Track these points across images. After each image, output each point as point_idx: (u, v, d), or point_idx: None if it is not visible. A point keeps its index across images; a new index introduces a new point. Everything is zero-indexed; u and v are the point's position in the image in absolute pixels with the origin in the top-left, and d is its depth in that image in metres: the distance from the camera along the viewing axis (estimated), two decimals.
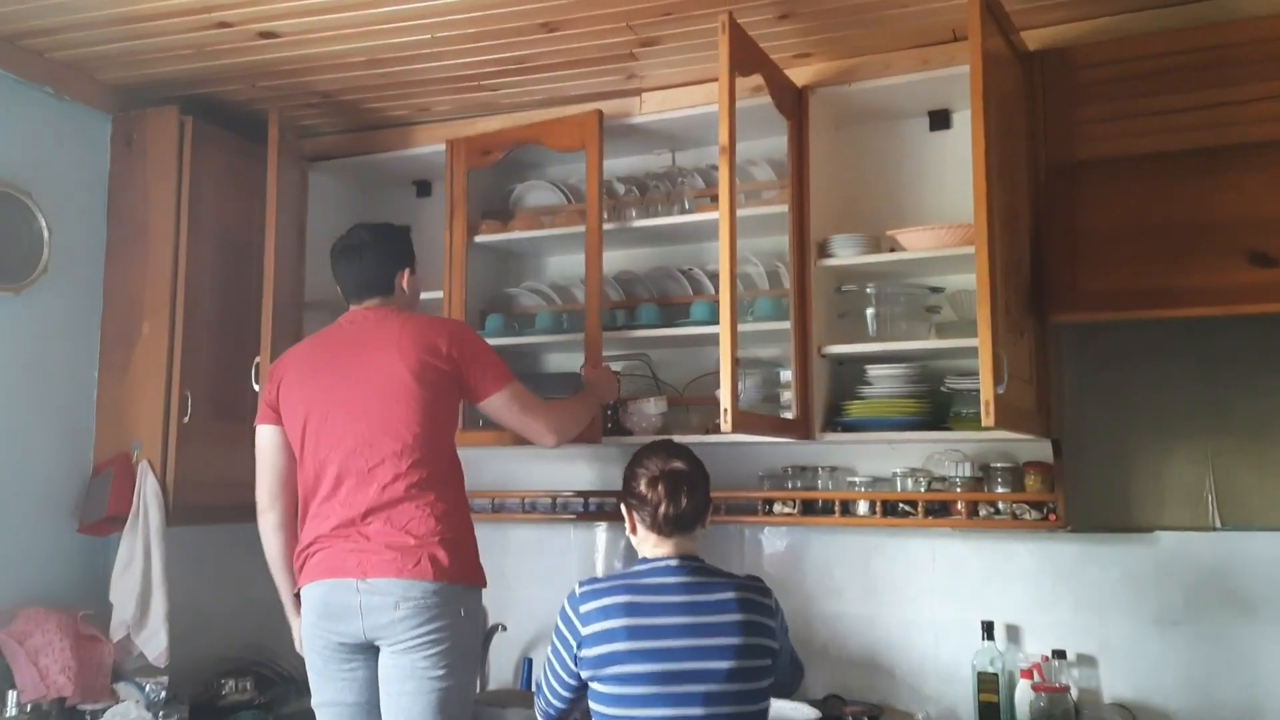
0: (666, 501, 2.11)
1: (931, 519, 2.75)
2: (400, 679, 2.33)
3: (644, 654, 1.99)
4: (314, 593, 2.41)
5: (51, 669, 2.70)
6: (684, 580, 2.07)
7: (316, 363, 2.55)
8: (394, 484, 2.39)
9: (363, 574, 2.34)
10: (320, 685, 2.45)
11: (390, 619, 2.31)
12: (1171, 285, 2.40)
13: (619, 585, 2.07)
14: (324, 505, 2.44)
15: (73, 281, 3.09)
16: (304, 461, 2.51)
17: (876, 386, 2.77)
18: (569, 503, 3.21)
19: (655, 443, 2.28)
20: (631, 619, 2.02)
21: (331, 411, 2.47)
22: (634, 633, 2.00)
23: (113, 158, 3.19)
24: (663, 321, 3.05)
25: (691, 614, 2.03)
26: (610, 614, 2.03)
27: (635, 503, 2.17)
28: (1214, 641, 2.61)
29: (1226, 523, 2.62)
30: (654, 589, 2.06)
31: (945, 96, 2.83)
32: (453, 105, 3.25)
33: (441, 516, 2.39)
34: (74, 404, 3.08)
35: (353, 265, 2.63)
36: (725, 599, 2.05)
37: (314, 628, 2.41)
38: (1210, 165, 2.41)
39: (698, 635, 2.01)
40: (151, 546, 2.93)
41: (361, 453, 2.42)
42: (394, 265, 2.65)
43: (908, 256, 2.71)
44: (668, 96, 3.03)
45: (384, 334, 2.52)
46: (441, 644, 2.32)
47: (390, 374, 2.45)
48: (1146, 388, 2.72)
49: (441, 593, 2.34)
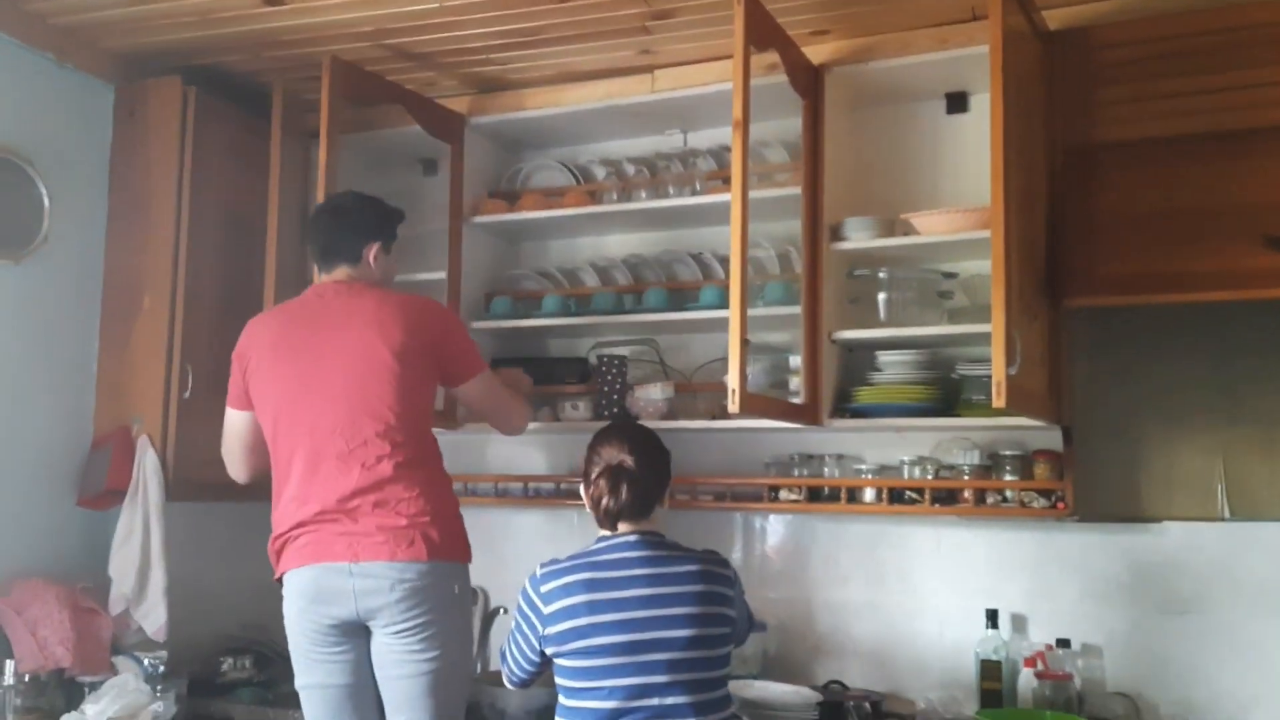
0: (608, 496, 2.15)
1: (938, 506, 2.73)
2: (397, 663, 2.30)
3: (606, 626, 2.04)
4: (302, 577, 2.34)
5: (50, 640, 2.67)
6: (645, 554, 2.12)
7: (287, 342, 2.45)
8: (379, 465, 2.33)
9: (354, 557, 2.28)
10: (307, 668, 2.38)
11: (385, 601, 2.27)
12: (1186, 270, 2.38)
13: (578, 564, 2.12)
14: (303, 488, 2.36)
15: (73, 252, 3.05)
16: (277, 445, 2.43)
17: (887, 372, 2.75)
18: (573, 488, 3.18)
19: (612, 428, 2.31)
20: (592, 594, 2.07)
21: (306, 394, 2.39)
22: (595, 607, 2.06)
23: (115, 128, 3.15)
24: (671, 306, 3.02)
25: (653, 585, 2.08)
26: (571, 591, 2.08)
27: (586, 487, 2.23)
28: (1219, 632, 2.60)
29: (1236, 514, 2.61)
30: (613, 564, 2.11)
31: (963, 78, 2.81)
32: (460, 80, 3.22)
33: (429, 495, 2.35)
34: (74, 376, 3.05)
35: (325, 228, 2.56)
36: (686, 571, 2.11)
37: (302, 612, 2.35)
38: (1228, 149, 2.39)
39: (659, 606, 2.06)
40: (151, 521, 2.91)
41: (342, 434, 2.34)
42: (365, 236, 2.53)
43: (921, 240, 2.69)
44: (681, 74, 3.00)
45: (361, 312, 2.43)
46: (436, 624, 2.30)
47: (370, 354, 2.37)
48: (1158, 376, 2.70)
49: (435, 571, 2.31)
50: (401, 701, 2.32)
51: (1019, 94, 2.33)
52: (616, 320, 3.06)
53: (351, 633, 2.35)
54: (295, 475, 2.38)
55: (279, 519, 2.40)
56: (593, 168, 3.28)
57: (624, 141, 3.27)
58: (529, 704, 2.62)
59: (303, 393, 2.39)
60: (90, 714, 2.52)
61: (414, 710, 2.31)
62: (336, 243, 2.54)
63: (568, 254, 3.36)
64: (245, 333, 2.55)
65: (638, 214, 3.09)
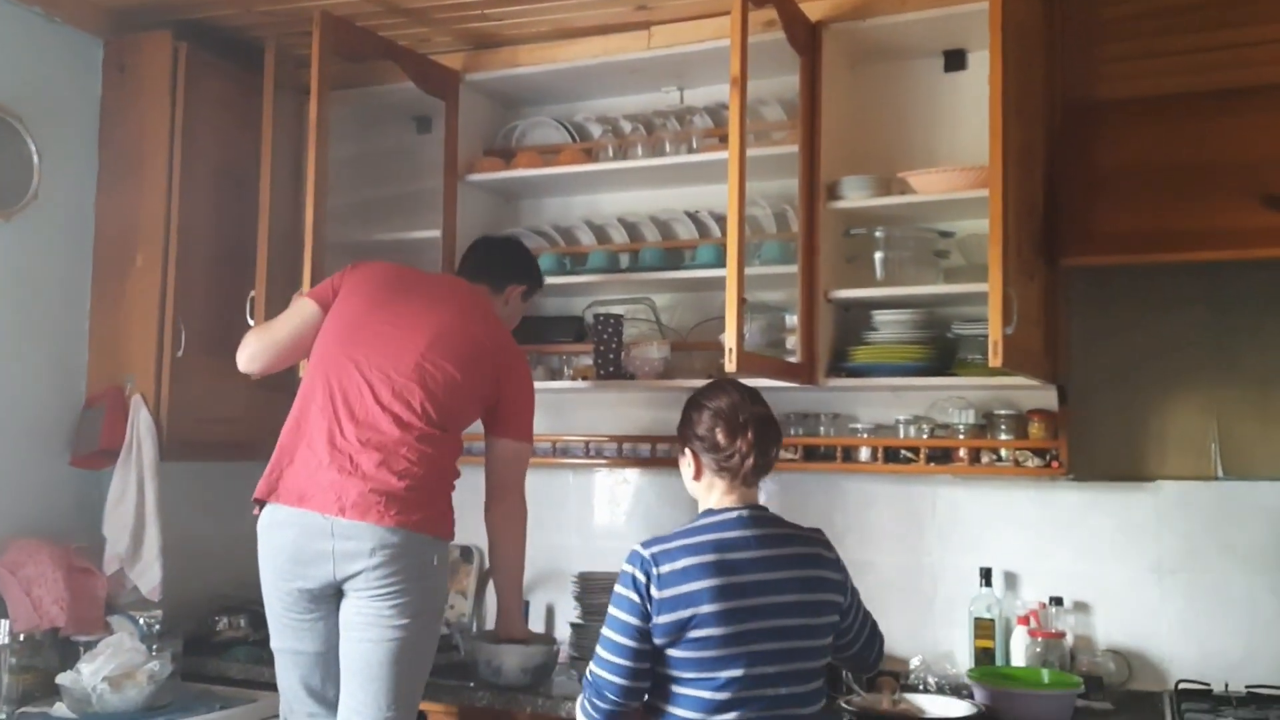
0: (755, 452, 1.97)
1: (934, 466, 2.75)
2: (363, 625, 2.30)
3: (726, 615, 1.88)
4: (284, 537, 2.35)
5: (45, 599, 2.67)
6: (756, 533, 1.96)
7: (396, 285, 2.57)
8: (403, 428, 2.36)
9: (340, 512, 2.28)
10: (279, 631, 2.42)
11: (364, 565, 2.28)
12: (1183, 229, 2.37)
13: (698, 544, 1.93)
14: (326, 411, 2.38)
15: (64, 209, 3.02)
16: (325, 358, 2.46)
17: (883, 332, 2.75)
18: (569, 447, 3.19)
19: (722, 383, 2.12)
20: (716, 579, 1.89)
21: (384, 330, 2.45)
22: (715, 593, 1.88)
23: (105, 83, 3.11)
24: (667, 264, 3.01)
25: (767, 569, 1.93)
26: (691, 576, 1.89)
27: (705, 448, 2.01)
28: (1211, 590, 2.62)
29: (1229, 472, 2.62)
30: (731, 544, 1.93)
31: (962, 36, 2.78)
32: (454, 36, 3.18)
33: (431, 470, 2.37)
34: (66, 334, 3.03)
35: (475, 254, 2.77)
36: (797, 554, 1.98)
37: (278, 573, 2.37)
38: (1226, 106, 2.38)
39: (773, 592, 1.92)
40: (145, 481, 2.90)
41: (390, 385, 2.39)
42: (516, 275, 2.74)
43: (918, 199, 2.68)
44: (678, 30, 2.96)
45: (474, 311, 2.57)
46: (409, 593, 2.30)
47: (458, 341, 2.46)
48: (1153, 335, 2.70)
49: (417, 541, 2.32)
50: (360, 667, 2.30)
51: (1018, 51, 2.31)
52: (612, 279, 3.05)
53: (325, 599, 2.36)
54: (328, 395, 2.40)
55: (291, 430, 2.42)
56: (589, 125, 3.26)
57: (620, 99, 3.24)
58: (527, 662, 2.63)
59: (383, 328, 2.46)
60: (86, 673, 2.52)
61: (370, 679, 2.29)
62: (489, 266, 2.74)
63: (563, 212, 3.33)
64: (366, 263, 2.66)
65: (634, 172, 3.06)
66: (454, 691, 2.64)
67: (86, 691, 2.49)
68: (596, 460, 3.17)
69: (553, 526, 3.23)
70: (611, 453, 3.14)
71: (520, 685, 2.62)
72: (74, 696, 2.50)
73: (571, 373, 3.06)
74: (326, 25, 2.83)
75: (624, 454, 3.12)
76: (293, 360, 2.65)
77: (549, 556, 3.21)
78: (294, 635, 2.40)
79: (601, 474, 3.26)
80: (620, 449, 3.13)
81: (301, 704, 2.43)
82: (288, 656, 2.42)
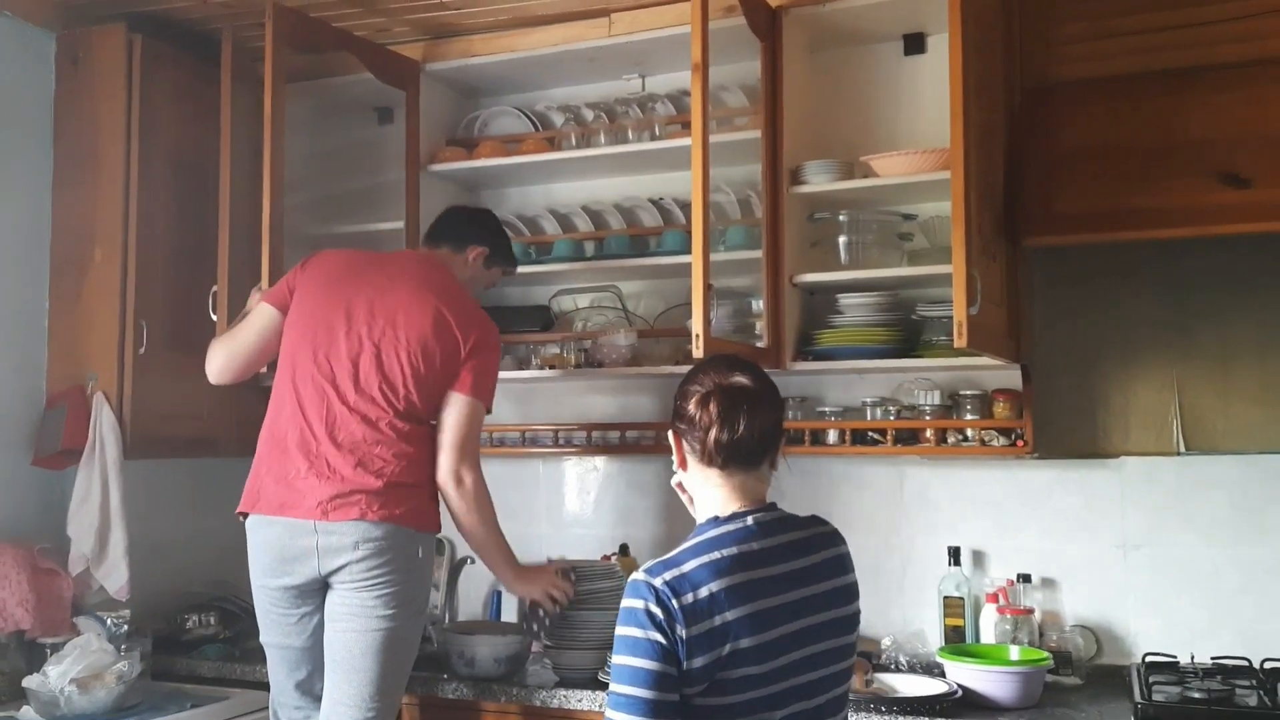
0: (719, 425, 1.62)
1: (901, 447, 2.76)
2: (348, 615, 2.31)
3: (764, 649, 1.53)
4: (269, 534, 2.37)
5: (9, 602, 2.64)
6: (777, 543, 1.62)
7: (350, 278, 2.51)
8: (377, 425, 2.36)
9: (323, 515, 2.30)
10: (268, 626, 2.44)
11: (349, 559, 2.29)
12: (1144, 207, 2.39)
13: (715, 562, 1.55)
14: (296, 419, 2.38)
15: (19, 206, 2.96)
16: (288, 361, 2.46)
17: (848, 315, 2.76)
18: (538, 436, 3.19)
19: (714, 357, 1.82)
20: (749, 605, 1.53)
21: (341, 329, 2.43)
22: (754, 623, 1.53)
23: (58, 77, 3.05)
24: (632, 252, 3.01)
25: (795, 587, 1.59)
26: (720, 605, 1.51)
27: (684, 428, 1.69)
28: (1175, 564, 2.66)
29: (1191, 447, 2.66)
30: (753, 559, 1.58)
31: (921, 19, 2.79)
32: (412, 26, 3.15)
33: (411, 464, 2.38)
34: (25, 334, 2.97)
35: (450, 216, 2.74)
36: (823, 561, 1.66)
37: (266, 570, 2.38)
38: (1184, 85, 2.41)
39: (807, 613, 1.59)
40: (109, 480, 2.86)
41: (354, 384, 2.38)
42: (478, 237, 2.68)
43: (881, 182, 2.69)
44: (638, 17, 2.94)
45: (433, 286, 2.49)
46: (395, 585, 2.31)
47: (419, 324, 2.42)
48: (1114, 313, 2.73)
49: (402, 535, 2.33)
50: (344, 657, 2.31)
51: (977, 33, 2.32)
52: (578, 267, 3.05)
53: (311, 594, 2.37)
54: (294, 405, 2.40)
55: (266, 439, 2.43)
56: (551, 114, 3.24)
57: (582, 87, 3.23)
58: (498, 652, 2.63)
59: (340, 326, 2.43)
60: (53, 675, 2.48)
61: (354, 669, 2.29)
62: (451, 228, 2.69)
63: (527, 201, 3.32)
64: (318, 255, 2.62)
65: (597, 160, 3.05)
66: (427, 683, 2.64)
67: (54, 694, 2.46)
68: (566, 449, 3.17)
69: (524, 516, 3.23)
70: (580, 441, 3.14)
71: (494, 675, 2.62)
72: (41, 700, 2.47)
73: (539, 362, 3.05)
74: (279, 16, 2.80)
75: (593, 442, 3.12)
76: (260, 365, 2.64)
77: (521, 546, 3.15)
78: (281, 630, 2.41)
79: (571, 462, 3.25)
80: (589, 437, 3.12)
81: (289, 697, 2.46)
82: (276, 651, 2.44)
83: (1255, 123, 2.34)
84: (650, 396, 3.14)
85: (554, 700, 2.53)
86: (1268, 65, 2.39)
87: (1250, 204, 2.28)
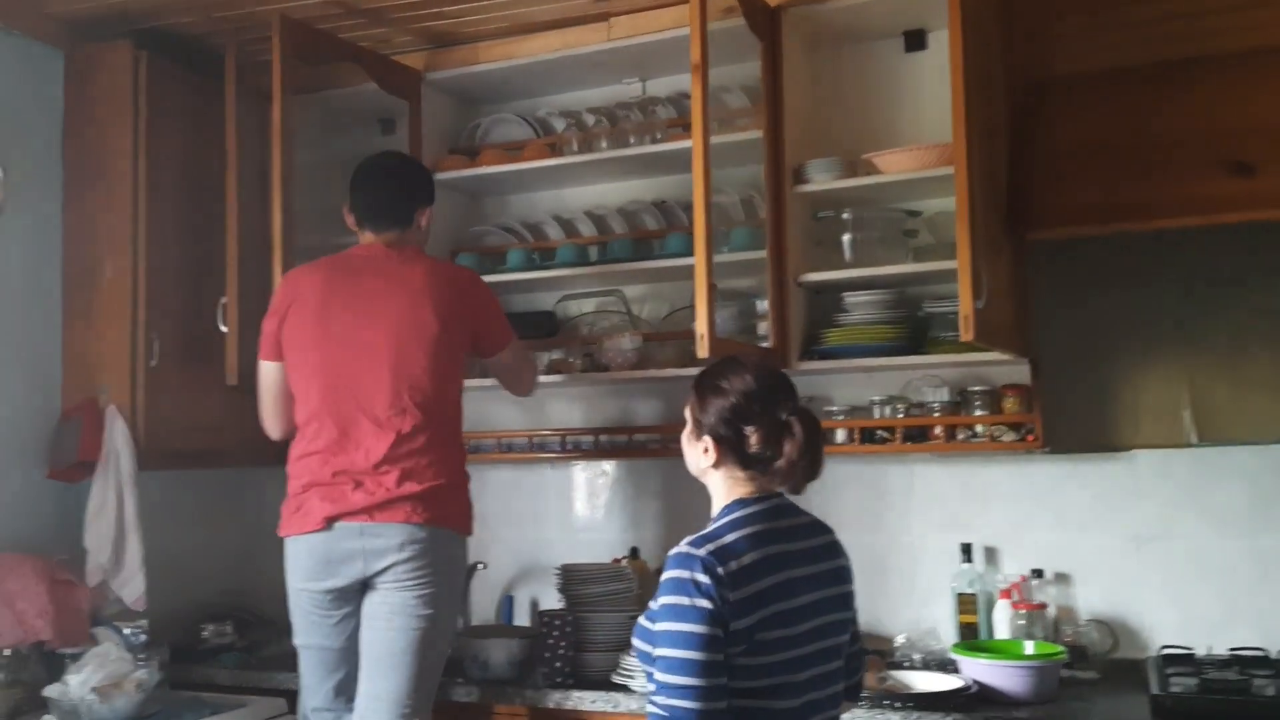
0: (804, 457, 1.76)
1: (910, 444, 2.76)
2: (389, 614, 2.35)
3: (793, 613, 1.72)
4: (312, 542, 2.39)
5: (29, 613, 2.66)
6: (792, 524, 1.81)
7: (333, 298, 2.48)
8: (413, 435, 2.39)
9: (369, 518, 2.35)
10: (306, 628, 2.46)
11: (394, 559, 2.34)
12: (1150, 198, 2.39)
13: (750, 536, 1.72)
14: (330, 448, 2.40)
15: (30, 223, 2.99)
16: (305, 400, 2.47)
17: (854, 314, 2.76)
18: (545, 442, 3.20)
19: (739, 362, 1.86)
20: (779, 574, 1.72)
21: (349, 354, 2.43)
22: (783, 590, 1.71)
23: (66, 95, 3.08)
24: (636, 255, 3.02)
25: (809, 563, 1.79)
26: (758, 573, 1.69)
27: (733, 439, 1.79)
28: (1190, 556, 2.64)
29: (1203, 439, 2.63)
30: (777, 536, 1.76)
31: (921, 16, 2.78)
32: (414, 35, 3.17)
33: (449, 468, 2.44)
34: (39, 348, 3.00)
35: (376, 190, 2.60)
36: (824, 543, 1.86)
37: (308, 575, 2.41)
38: (1187, 76, 2.41)
39: (818, 587, 1.78)
40: (124, 491, 2.89)
41: (383, 399, 2.39)
42: (417, 199, 2.61)
43: (885, 179, 2.69)
44: (637, 20, 2.95)
45: (412, 279, 2.48)
46: (435, 585, 2.36)
47: (418, 323, 2.43)
48: (1123, 305, 2.71)
49: (443, 537, 2.38)
50: (383, 655, 2.34)
51: (977, 28, 2.32)
52: (582, 272, 3.05)
53: (351, 596, 2.41)
54: (323, 434, 2.42)
55: (297, 477, 2.45)
56: (552, 120, 3.25)
57: (582, 92, 3.24)
58: (513, 655, 2.64)
59: (345, 352, 2.44)
60: (74, 684, 2.50)
61: (393, 667, 2.33)
62: (390, 204, 2.58)
63: (530, 208, 3.33)
64: (284, 284, 2.60)
65: (599, 164, 3.06)
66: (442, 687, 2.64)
67: (75, 703, 2.48)
68: (573, 453, 3.18)
69: (532, 521, 3.25)
70: (588, 445, 3.14)
71: (508, 678, 2.63)
72: (63, 709, 2.49)
73: (545, 367, 3.06)
74: (286, 29, 2.82)
75: (600, 446, 3.13)
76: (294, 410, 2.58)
77: (530, 551, 3.23)
78: (322, 633, 2.44)
79: (579, 467, 3.26)
80: (597, 441, 3.13)
81: (322, 699, 2.48)
82: (315, 653, 2.47)
83: (1258, 111, 2.33)
84: (657, 400, 3.14)
85: (568, 701, 2.53)
86: (1269, 54, 2.38)
87: (1255, 192, 2.27)
